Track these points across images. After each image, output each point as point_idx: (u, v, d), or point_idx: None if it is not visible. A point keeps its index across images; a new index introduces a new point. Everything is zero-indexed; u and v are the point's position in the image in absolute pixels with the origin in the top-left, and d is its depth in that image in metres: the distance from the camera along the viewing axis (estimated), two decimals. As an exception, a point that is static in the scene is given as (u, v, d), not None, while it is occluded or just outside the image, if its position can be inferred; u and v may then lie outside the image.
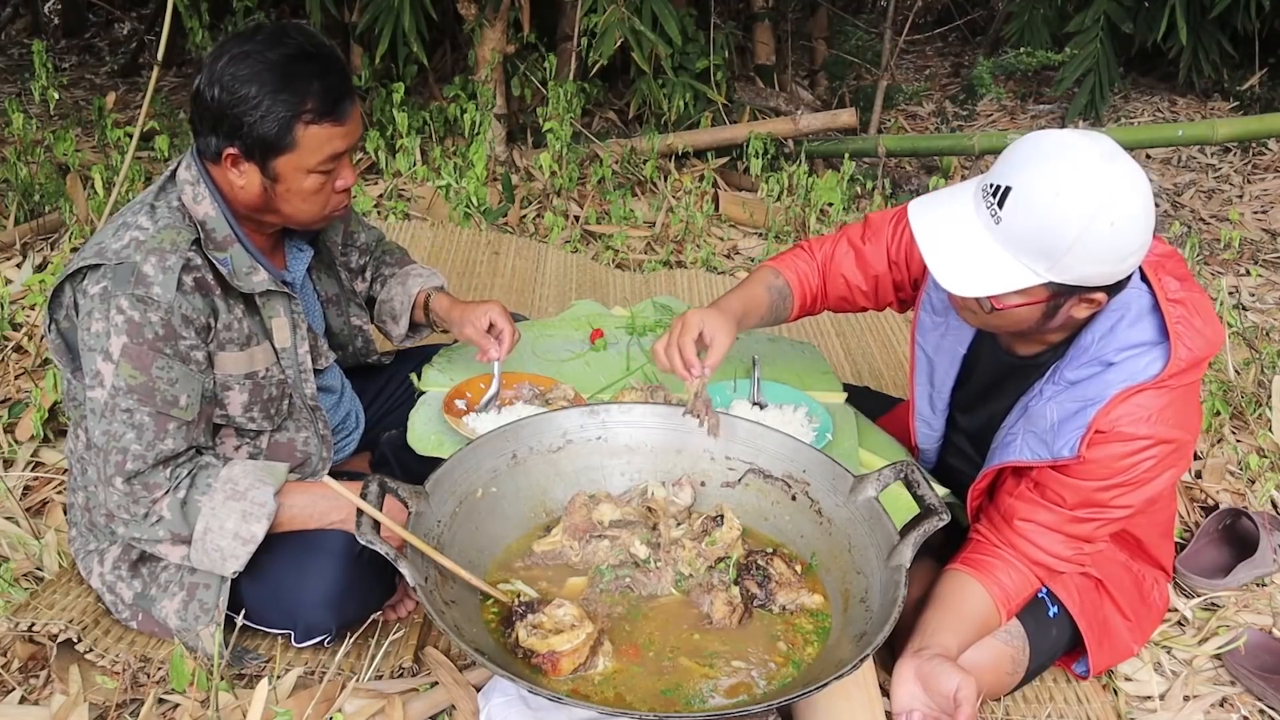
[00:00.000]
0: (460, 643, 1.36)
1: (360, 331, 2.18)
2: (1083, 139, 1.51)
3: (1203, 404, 2.79)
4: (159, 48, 3.42)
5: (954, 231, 1.56)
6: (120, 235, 1.71)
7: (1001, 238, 1.52)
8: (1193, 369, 1.61)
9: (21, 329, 2.87)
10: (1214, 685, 2.00)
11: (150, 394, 1.69)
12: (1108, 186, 1.46)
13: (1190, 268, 3.87)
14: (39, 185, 3.66)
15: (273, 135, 1.67)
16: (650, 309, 2.57)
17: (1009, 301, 1.56)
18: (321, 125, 1.69)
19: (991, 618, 1.71)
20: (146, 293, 1.66)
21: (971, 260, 1.54)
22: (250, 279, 1.78)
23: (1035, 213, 1.48)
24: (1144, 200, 1.49)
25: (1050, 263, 1.49)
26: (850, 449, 2.03)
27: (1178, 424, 1.61)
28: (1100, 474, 1.63)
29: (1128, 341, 1.61)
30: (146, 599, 1.82)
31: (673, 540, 1.74)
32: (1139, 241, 1.50)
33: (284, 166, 1.71)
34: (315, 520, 1.81)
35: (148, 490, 1.71)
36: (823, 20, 5.45)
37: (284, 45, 1.66)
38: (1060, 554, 1.70)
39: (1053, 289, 1.53)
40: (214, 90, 1.66)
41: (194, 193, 1.75)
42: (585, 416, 1.87)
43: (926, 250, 1.57)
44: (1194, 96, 6.10)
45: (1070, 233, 1.46)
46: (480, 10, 4.23)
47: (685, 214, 4.09)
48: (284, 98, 1.65)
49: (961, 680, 1.50)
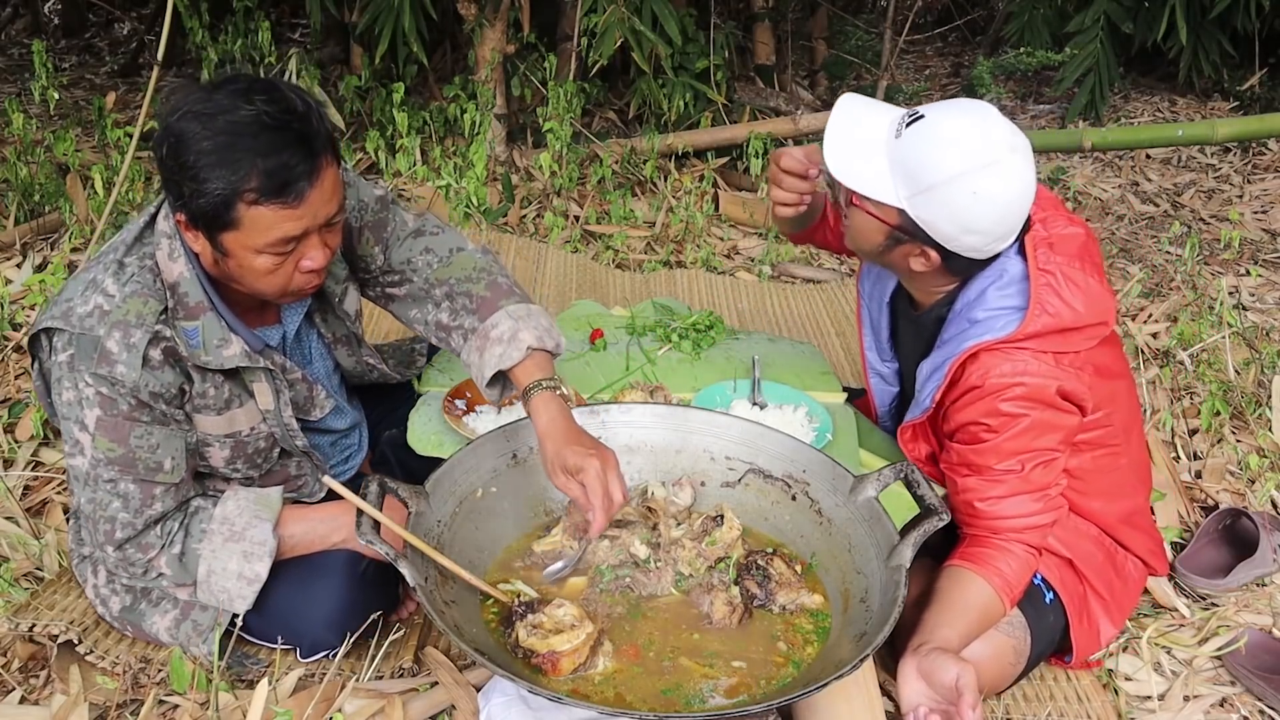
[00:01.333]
0: (460, 643, 1.36)
1: (373, 369, 2.04)
2: (1009, 128, 1.63)
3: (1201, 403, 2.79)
4: (159, 48, 3.42)
5: (862, 129, 1.69)
6: (86, 298, 1.60)
7: (890, 152, 1.65)
8: (1054, 336, 1.68)
9: (21, 329, 2.86)
10: (1214, 685, 2.00)
11: (132, 464, 1.63)
12: (993, 165, 1.58)
13: (1190, 268, 3.87)
14: (39, 185, 3.66)
15: (210, 210, 1.50)
16: (650, 309, 2.57)
17: (866, 206, 1.69)
18: (267, 206, 1.50)
19: (994, 607, 1.71)
20: (110, 371, 1.57)
21: (859, 154, 1.67)
22: (220, 353, 1.65)
23: (925, 146, 1.61)
24: (1011, 199, 1.61)
25: (910, 191, 1.63)
26: (850, 449, 2.03)
27: (1040, 361, 1.67)
28: (998, 426, 1.70)
29: (994, 304, 1.71)
30: (135, 613, 1.79)
31: (673, 540, 1.74)
32: (986, 226, 1.62)
33: (230, 243, 1.54)
34: (317, 545, 1.79)
35: (142, 552, 1.69)
36: (823, 20, 5.45)
37: (238, 110, 1.48)
38: (1033, 510, 1.72)
39: (902, 220, 1.66)
40: (162, 148, 1.52)
41: (170, 248, 1.62)
42: (585, 416, 1.86)
43: (831, 130, 1.69)
44: (1194, 96, 6.09)
45: (939, 177, 1.59)
46: (480, 10, 4.23)
47: (685, 214, 4.09)
48: (220, 173, 1.47)
49: (961, 669, 1.51)
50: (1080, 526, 1.89)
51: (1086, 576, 1.88)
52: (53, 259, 3.27)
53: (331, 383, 1.99)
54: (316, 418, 1.90)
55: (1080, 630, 1.86)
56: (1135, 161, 5.22)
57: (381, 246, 1.93)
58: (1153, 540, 2.01)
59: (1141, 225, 4.49)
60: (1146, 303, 3.60)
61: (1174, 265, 3.97)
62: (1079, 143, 4.28)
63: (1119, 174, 5.08)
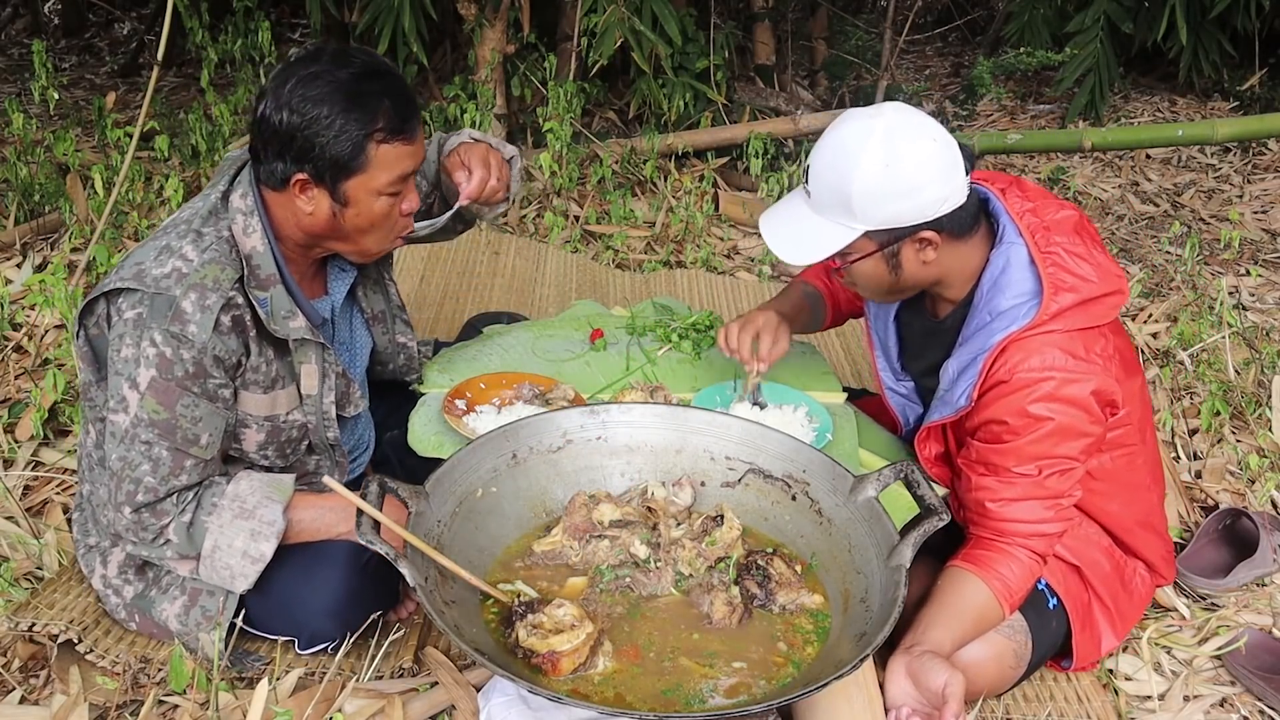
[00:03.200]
0: (460, 643, 1.36)
1: (403, 349, 2.12)
2: (862, 110, 1.69)
3: (1201, 403, 2.79)
4: (159, 48, 3.42)
5: (786, 215, 1.78)
6: (162, 261, 1.66)
7: (816, 206, 1.72)
8: (1076, 311, 1.68)
9: (21, 329, 2.87)
10: (1214, 685, 2.00)
11: (172, 430, 1.67)
12: (873, 137, 1.63)
13: (1190, 268, 3.87)
14: (39, 185, 3.66)
15: (346, 155, 1.64)
16: (650, 309, 2.57)
17: (850, 259, 1.73)
18: (393, 144, 1.67)
19: (992, 611, 1.71)
20: (182, 330, 1.63)
21: (800, 234, 1.73)
22: (287, 324, 1.75)
23: (825, 175, 1.68)
24: (912, 141, 1.64)
25: (852, 215, 1.67)
26: (850, 449, 2.03)
27: (1071, 355, 1.67)
28: (1021, 428, 1.68)
29: (1011, 294, 1.72)
30: (146, 600, 1.82)
31: (673, 540, 1.74)
32: (924, 176, 1.64)
33: (355, 189, 1.68)
34: (323, 533, 1.81)
35: (156, 518, 1.71)
36: (823, 20, 5.45)
37: (351, 65, 1.65)
38: (1043, 517, 1.72)
39: (877, 238, 1.70)
40: (283, 114, 1.62)
41: (245, 224, 1.72)
42: (585, 416, 1.87)
43: (768, 238, 1.78)
44: (1194, 96, 6.09)
45: (852, 182, 1.64)
46: (480, 10, 4.23)
47: (685, 214, 4.09)
48: (356, 116, 1.63)
49: (950, 676, 1.52)
50: (1090, 535, 1.89)
51: (1093, 585, 1.88)
52: (53, 259, 3.27)
53: (358, 368, 2.05)
54: (350, 414, 1.96)
55: (1083, 640, 1.86)
56: (1135, 161, 5.23)
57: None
58: (1165, 545, 2.01)
59: (1141, 225, 4.49)
60: (1146, 303, 3.60)
61: (1174, 265, 3.97)
62: (1079, 143, 4.29)
63: (1119, 174, 5.09)
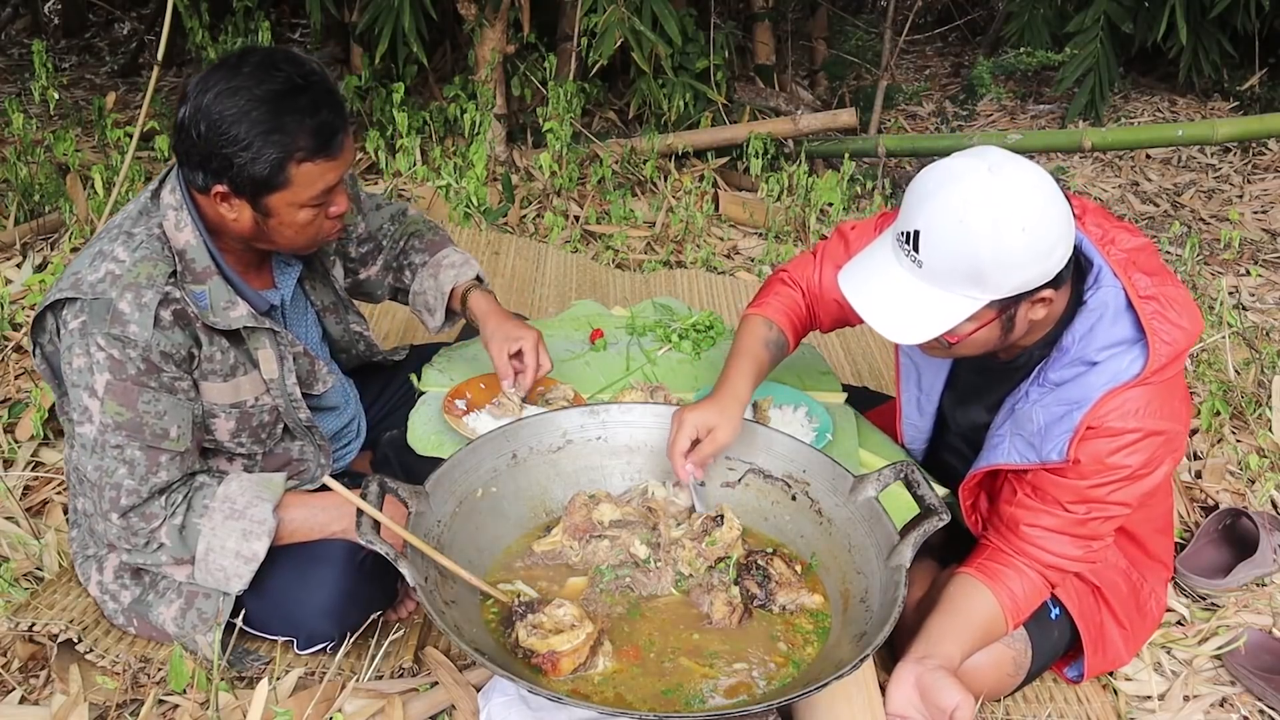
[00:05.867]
0: (460, 643, 1.36)
1: (361, 337, 2.13)
2: (968, 160, 1.53)
3: (1201, 403, 2.79)
4: (159, 48, 3.42)
5: (885, 287, 1.59)
6: (96, 266, 1.65)
7: (929, 278, 1.55)
8: (1173, 363, 1.63)
9: (21, 329, 2.86)
10: (1214, 685, 2.00)
11: (139, 429, 1.66)
12: (1003, 197, 1.48)
13: (1190, 268, 3.87)
14: (39, 185, 3.66)
15: (264, 175, 1.61)
16: (650, 309, 2.57)
17: (963, 332, 1.59)
18: (315, 162, 1.63)
19: (997, 626, 1.71)
20: (123, 331, 1.62)
21: (911, 309, 1.57)
22: (228, 314, 1.72)
23: (948, 246, 1.51)
24: (1044, 197, 1.51)
25: (981, 286, 1.52)
26: (850, 449, 2.03)
27: (1165, 415, 1.62)
28: (1092, 472, 1.64)
29: (1108, 341, 1.63)
30: (143, 604, 1.81)
31: (673, 540, 1.74)
32: (1056, 234, 1.52)
33: (276, 203, 1.66)
34: (316, 532, 1.81)
35: (145, 521, 1.70)
36: (823, 20, 5.44)
37: (272, 79, 1.59)
38: (1070, 554, 1.71)
39: (997, 305, 1.56)
40: (200, 127, 1.59)
41: (177, 219, 1.70)
42: (585, 416, 1.87)
43: (867, 314, 1.60)
44: (1194, 96, 6.09)
45: (986, 253, 1.48)
46: (480, 10, 4.22)
47: (685, 214, 4.09)
48: (275, 139, 1.58)
49: (962, 699, 1.52)
50: (1110, 557, 1.88)
51: (1111, 605, 1.88)
52: (53, 259, 3.28)
53: (323, 354, 2.04)
54: (319, 391, 1.95)
55: (1095, 661, 1.87)
56: (1135, 161, 5.23)
57: (361, 215, 2.10)
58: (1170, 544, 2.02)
59: (1142, 225, 4.49)
60: (1146, 303, 3.60)
61: (1174, 265, 3.97)
62: (1079, 143, 4.29)
63: (1119, 174, 5.09)
